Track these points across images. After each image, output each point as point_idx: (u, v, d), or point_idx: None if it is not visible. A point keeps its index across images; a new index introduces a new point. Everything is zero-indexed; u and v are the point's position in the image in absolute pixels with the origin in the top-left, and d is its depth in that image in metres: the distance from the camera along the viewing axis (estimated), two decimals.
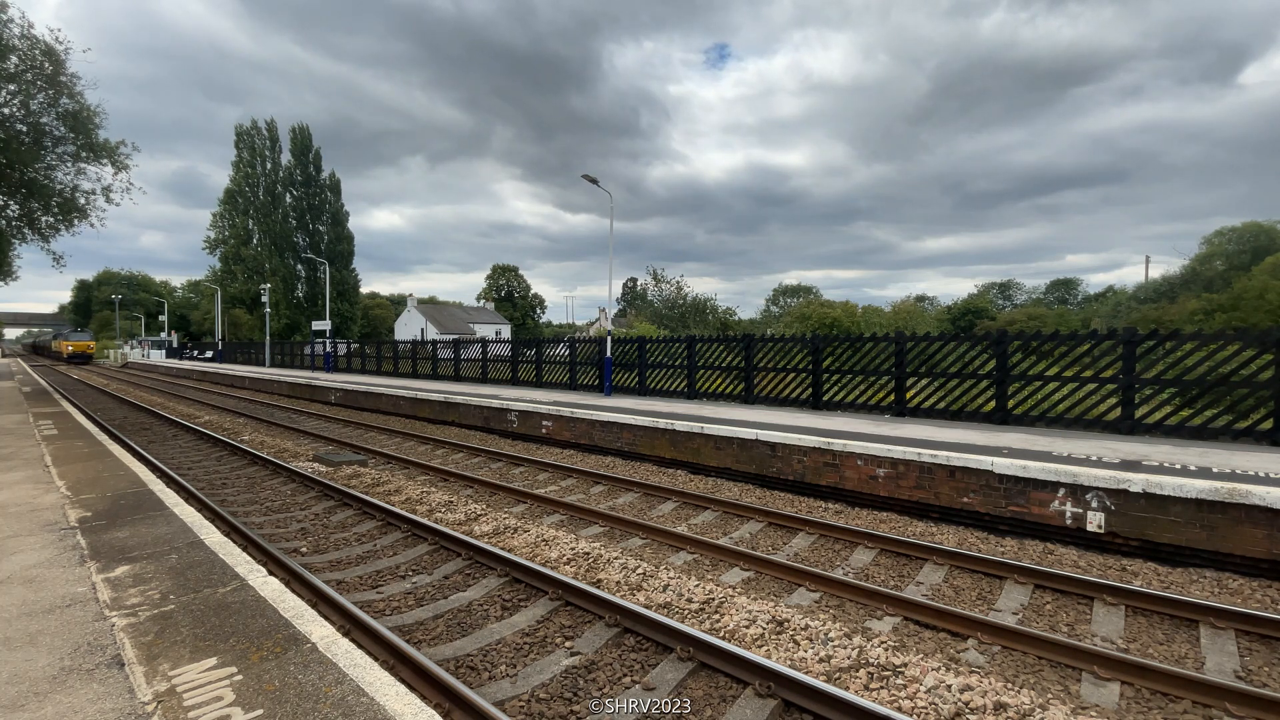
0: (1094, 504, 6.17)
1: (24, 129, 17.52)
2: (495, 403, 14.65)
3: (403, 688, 3.15)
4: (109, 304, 78.58)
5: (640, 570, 5.63)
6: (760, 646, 4.34)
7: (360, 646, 3.75)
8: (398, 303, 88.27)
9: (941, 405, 10.67)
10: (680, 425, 10.24)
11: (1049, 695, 3.64)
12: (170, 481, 9.19)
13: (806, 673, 3.90)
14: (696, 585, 5.25)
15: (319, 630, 3.72)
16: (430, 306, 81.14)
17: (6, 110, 17.11)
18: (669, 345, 15.50)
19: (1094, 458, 6.98)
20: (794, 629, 4.48)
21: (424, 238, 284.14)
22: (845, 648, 4.18)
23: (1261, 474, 6.10)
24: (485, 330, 74.59)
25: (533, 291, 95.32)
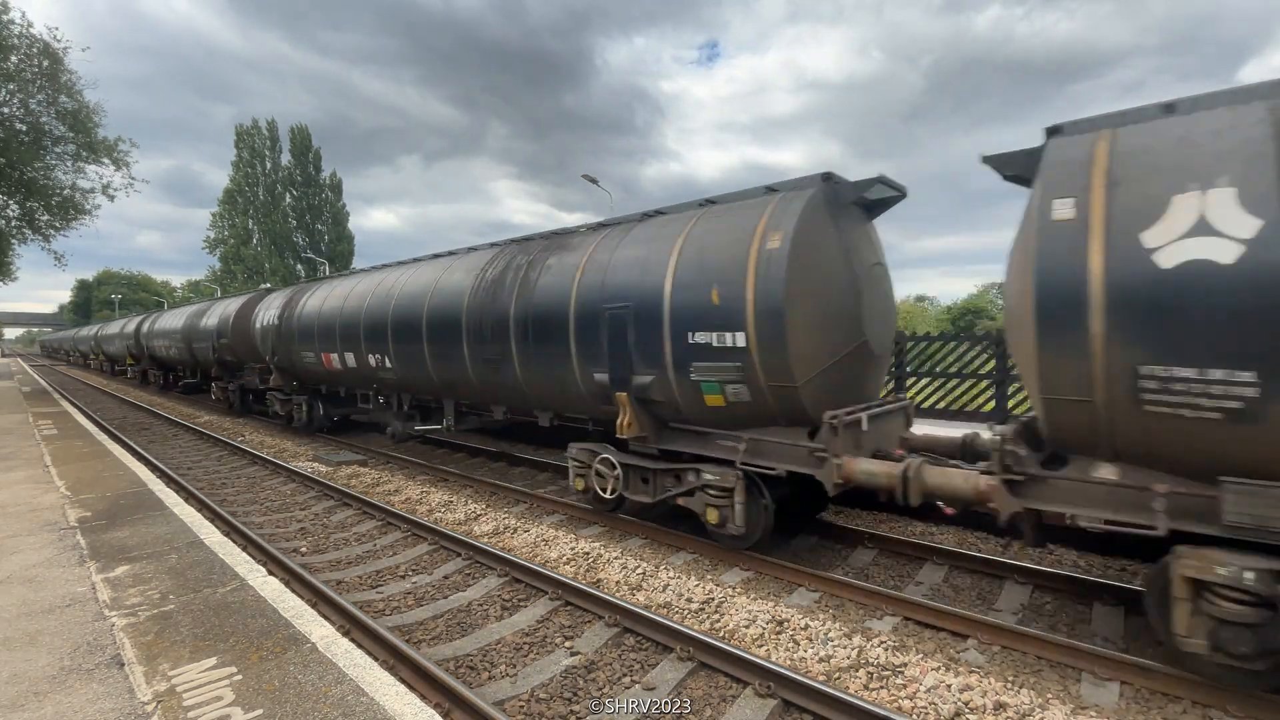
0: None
1: (23, 128, 17.53)
2: None
3: (402, 687, 3.15)
4: (109, 304, 78.51)
5: (640, 570, 5.63)
6: (760, 646, 4.34)
7: (360, 646, 3.75)
8: None
9: (941, 405, 10.69)
10: None
11: (1049, 695, 3.63)
12: (170, 481, 9.19)
13: (806, 673, 3.90)
14: (696, 585, 5.25)
15: (319, 630, 3.73)
16: None
17: (6, 110, 17.11)
18: None
19: None
20: (794, 629, 4.48)
21: (420, 237, 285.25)
22: (845, 647, 4.18)
23: None
24: None
25: None
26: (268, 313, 14.27)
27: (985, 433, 5.21)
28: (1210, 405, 3.36)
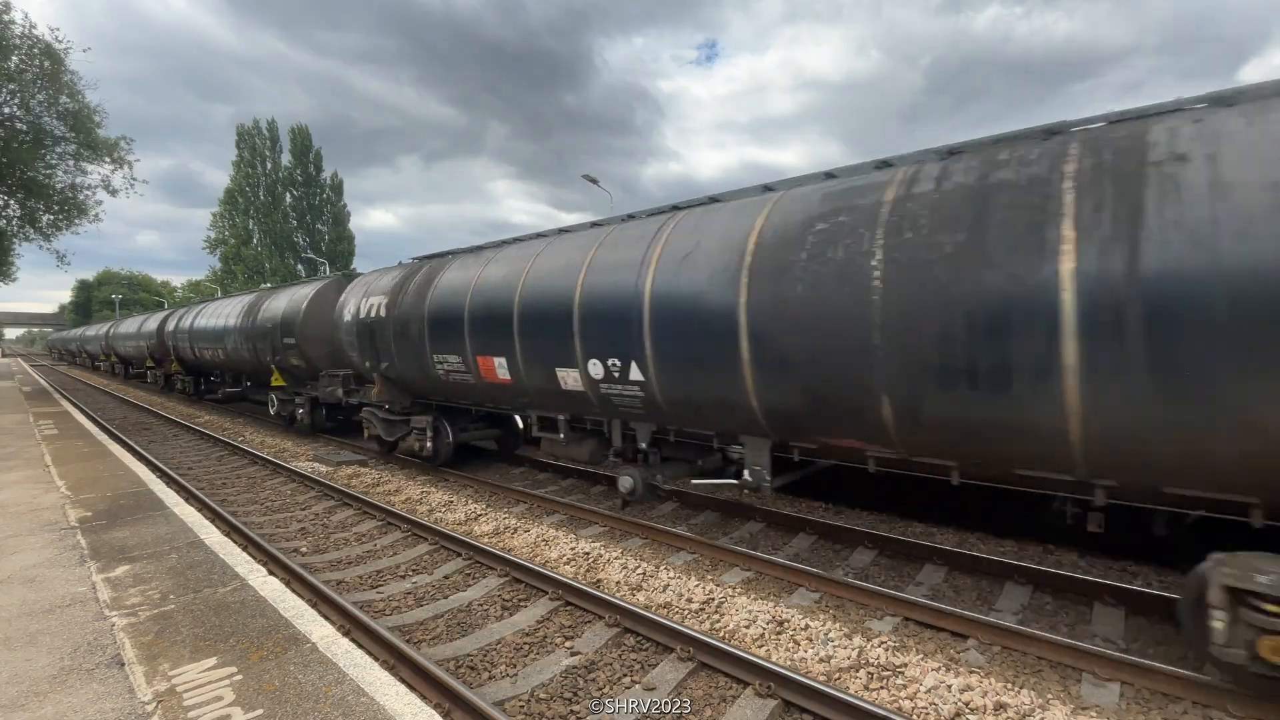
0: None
1: (24, 128, 17.55)
2: None
3: (403, 688, 3.16)
4: (109, 304, 78.53)
5: (640, 570, 5.63)
6: (760, 647, 4.35)
7: (360, 646, 3.75)
8: None
9: None
10: None
11: (1049, 695, 3.63)
12: (170, 481, 9.19)
13: (806, 673, 3.90)
14: (696, 585, 5.25)
15: (319, 630, 3.73)
16: None
17: (6, 110, 17.13)
18: None
19: None
20: (794, 629, 4.48)
21: (419, 237, 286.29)
22: (845, 648, 4.18)
23: None
24: None
25: None
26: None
27: None
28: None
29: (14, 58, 16.46)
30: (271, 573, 4.92)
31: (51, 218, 19.22)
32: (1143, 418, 3.44)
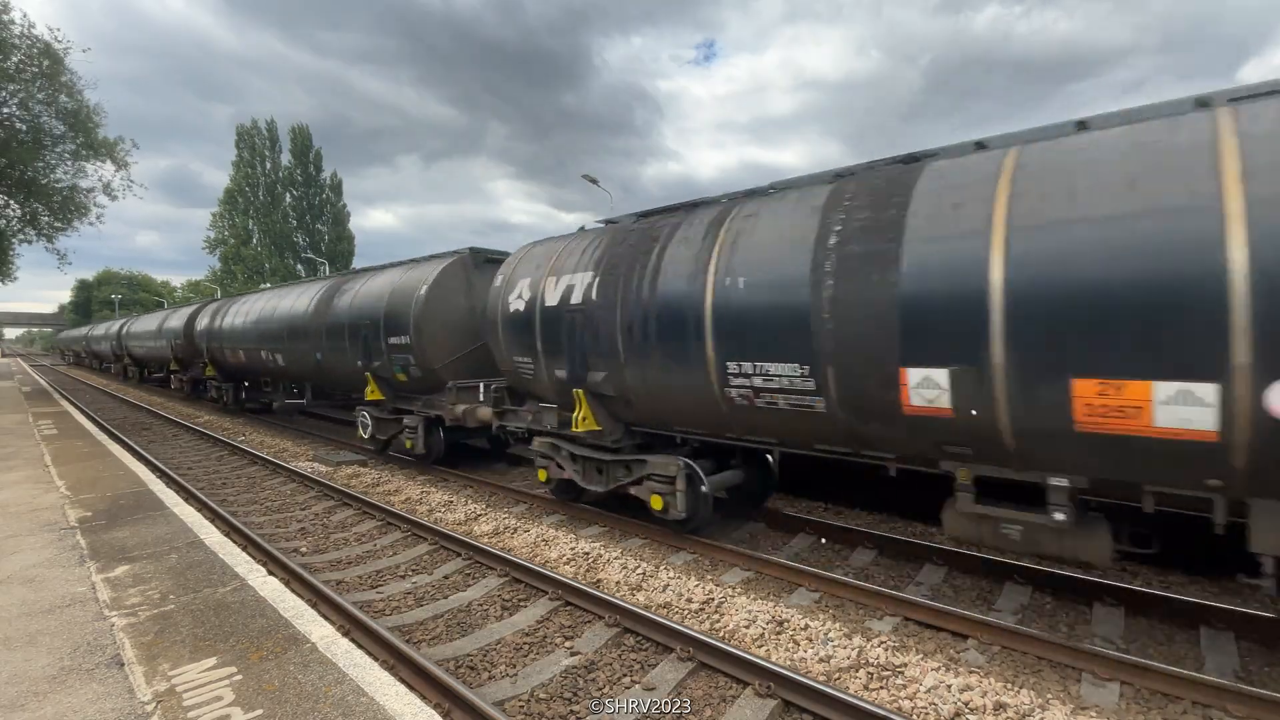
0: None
1: (23, 128, 17.54)
2: None
3: (402, 688, 3.16)
4: (109, 304, 78.46)
5: (640, 570, 5.63)
6: (760, 647, 4.34)
7: (360, 646, 3.75)
8: None
9: None
10: None
11: (1049, 695, 3.63)
12: (170, 481, 9.19)
13: (806, 673, 3.90)
14: (696, 585, 5.25)
15: (319, 630, 3.73)
16: None
17: (6, 110, 17.12)
18: None
19: None
20: (794, 629, 4.48)
21: (418, 237, 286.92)
22: (845, 648, 4.18)
23: None
24: None
25: None
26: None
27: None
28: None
29: (13, 57, 16.46)
30: (271, 573, 4.92)
31: (50, 218, 19.22)
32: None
